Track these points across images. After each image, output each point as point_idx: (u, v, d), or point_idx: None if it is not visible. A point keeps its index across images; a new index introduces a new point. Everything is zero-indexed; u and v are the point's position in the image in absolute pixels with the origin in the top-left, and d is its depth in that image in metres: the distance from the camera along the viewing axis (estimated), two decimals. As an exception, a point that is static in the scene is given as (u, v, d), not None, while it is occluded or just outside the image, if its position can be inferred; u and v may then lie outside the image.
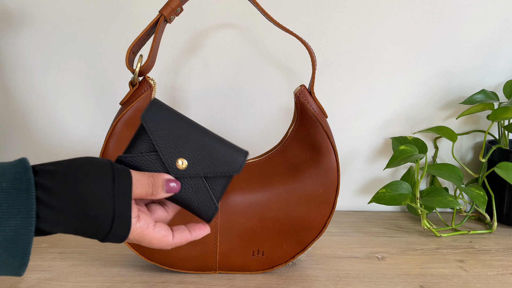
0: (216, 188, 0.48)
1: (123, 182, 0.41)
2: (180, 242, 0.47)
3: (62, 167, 0.40)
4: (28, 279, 0.63)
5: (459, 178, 0.81)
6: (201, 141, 0.47)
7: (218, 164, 0.47)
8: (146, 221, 0.44)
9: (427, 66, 0.88)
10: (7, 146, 0.90)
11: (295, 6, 0.85)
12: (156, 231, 0.45)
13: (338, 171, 0.63)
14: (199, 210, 0.47)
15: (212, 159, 0.47)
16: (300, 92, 0.64)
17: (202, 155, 0.46)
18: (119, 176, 0.41)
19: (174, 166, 0.46)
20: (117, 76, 0.87)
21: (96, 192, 0.40)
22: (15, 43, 0.85)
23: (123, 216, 0.41)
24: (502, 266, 0.69)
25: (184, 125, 0.47)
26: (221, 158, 0.47)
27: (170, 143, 0.46)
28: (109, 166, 0.42)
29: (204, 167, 0.46)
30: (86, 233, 0.41)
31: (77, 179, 0.39)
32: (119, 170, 0.42)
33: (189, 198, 0.47)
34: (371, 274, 0.66)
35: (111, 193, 0.40)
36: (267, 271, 0.65)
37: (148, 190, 0.44)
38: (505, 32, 0.87)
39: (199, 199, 0.47)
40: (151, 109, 0.46)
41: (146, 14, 0.84)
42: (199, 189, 0.47)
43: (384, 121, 0.91)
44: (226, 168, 0.47)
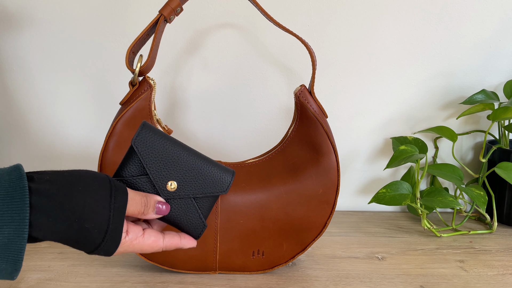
0: (204, 207, 0.50)
1: (119, 197, 0.42)
2: (170, 245, 0.48)
3: (62, 177, 0.40)
4: (28, 279, 0.63)
5: (459, 178, 0.81)
6: (190, 163, 0.49)
7: (207, 185, 0.49)
8: (135, 232, 0.45)
9: (427, 66, 0.88)
10: (7, 146, 0.90)
11: (295, 6, 0.85)
12: (145, 238, 0.46)
13: (338, 171, 0.63)
14: (188, 228, 0.49)
15: (201, 180, 0.49)
16: (300, 92, 0.63)
17: (191, 176, 0.49)
18: (116, 191, 0.42)
19: (164, 189, 0.48)
20: (117, 76, 0.87)
21: (94, 205, 0.40)
22: (15, 43, 0.85)
23: (115, 231, 0.42)
24: (502, 266, 0.69)
25: (174, 148, 0.48)
26: (209, 179, 0.49)
27: (160, 166, 0.47)
28: (108, 181, 0.43)
29: (193, 188, 0.49)
30: (76, 244, 0.41)
31: (76, 190, 0.40)
32: (117, 186, 0.43)
33: (179, 217, 0.49)
34: (371, 274, 0.66)
35: (108, 207, 0.41)
36: (267, 271, 0.65)
37: (140, 209, 0.45)
38: (505, 32, 0.87)
39: (188, 218, 0.49)
40: (141, 133, 0.47)
41: (146, 14, 0.84)
42: (188, 208, 0.49)
43: (384, 121, 0.91)
44: (214, 188, 0.49)
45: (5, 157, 0.90)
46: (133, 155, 0.47)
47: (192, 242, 0.50)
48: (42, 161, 0.90)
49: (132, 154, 0.47)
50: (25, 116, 0.89)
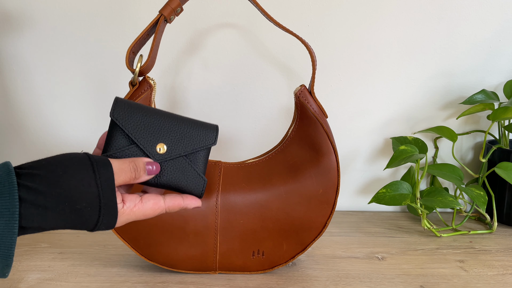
0: (198, 163, 0.50)
1: (103, 171, 0.42)
2: (173, 206, 0.48)
3: (41, 165, 0.40)
4: (28, 279, 0.63)
5: (459, 178, 0.81)
6: (173, 125, 0.50)
7: (195, 141, 0.50)
8: (132, 200, 0.45)
9: (427, 66, 0.88)
10: (7, 146, 0.90)
11: (295, 6, 0.85)
12: (144, 203, 0.46)
13: (338, 171, 0.63)
14: (189, 187, 0.50)
15: (188, 138, 0.50)
16: (300, 92, 0.63)
17: (177, 136, 0.49)
18: (98, 166, 0.42)
19: (155, 153, 0.48)
20: (117, 76, 0.87)
21: (79, 185, 0.40)
22: (15, 43, 0.85)
23: (109, 203, 0.42)
24: (502, 266, 0.69)
25: (153, 114, 0.49)
26: (195, 135, 0.50)
27: (145, 133, 0.48)
28: (87, 158, 0.42)
29: (183, 147, 0.49)
30: (75, 226, 0.41)
31: (58, 175, 0.40)
32: (97, 160, 0.43)
33: (177, 178, 0.49)
34: (371, 274, 0.66)
35: (94, 184, 0.41)
36: (267, 271, 0.65)
37: (131, 175, 0.45)
38: (505, 32, 0.87)
39: (186, 177, 0.49)
40: (117, 106, 0.48)
41: (146, 14, 0.84)
42: (183, 167, 0.49)
43: (384, 121, 0.91)
44: (203, 142, 0.50)
45: (5, 157, 0.90)
46: (115, 129, 0.48)
47: (196, 201, 0.50)
48: (42, 161, 0.90)
49: (114, 128, 0.48)
50: (24, 116, 0.89)
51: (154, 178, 0.48)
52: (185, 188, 0.49)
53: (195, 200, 0.50)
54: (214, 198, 0.62)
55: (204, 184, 0.50)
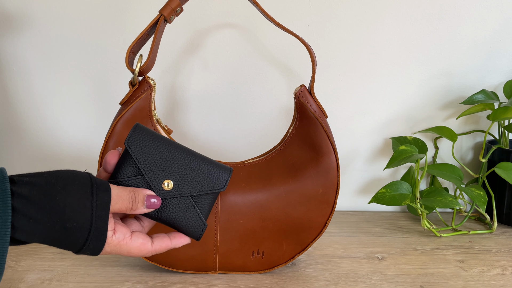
0: (203, 206, 0.49)
1: (101, 195, 0.42)
2: (160, 249, 0.47)
3: (42, 178, 0.40)
4: (28, 279, 0.63)
5: (459, 178, 0.81)
6: (186, 161, 0.48)
7: (204, 183, 0.48)
8: (122, 232, 0.44)
9: (427, 66, 0.88)
10: (7, 146, 0.90)
11: (295, 6, 0.85)
12: (133, 240, 0.45)
13: (338, 171, 0.63)
14: (188, 228, 0.48)
15: (198, 178, 0.48)
16: (300, 92, 0.63)
17: (187, 175, 0.48)
18: (98, 189, 0.42)
19: (160, 188, 0.47)
20: (117, 76, 0.87)
21: (74, 204, 0.40)
22: (15, 43, 0.85)
23: (100, 229, 0.41)
24: (502, 266, 0.69)
25: (168, 147, 0.48)
26: (206, 176, 0.49)
27: (155, 166, 0.47)
28: (88, 179, 0.42)
29: (190, 187, 0.48)
30: (61, 245, 0.41)
31: (56, 191, 0.39)
32: (98, 184, 0.42)
33: (177, 217, 0.48)
34: (371, 274, 0.66)
35: (89, 206, 0.40)
36: (267, 271, 0.65)
37: (128, 205, 0.44)
38: (505, 32, 0.87)
39: (187, 218, 0.48)
40: (134, 133, 0.47)
41: (146, 14, 0.84)
42: (186, 208, 0.48)
43: (384, 121, 0.91)
44: (212, 185, 0.49)
45: (5, 158, 0.90)
46: (127, 157, 0.47)
47: (185, 240, 0.49)
48: (41, 162, 0.90)
49: (127, 156, 0.47)
50: (24, 117, 0.89)
51: (154, 212, 0.47)
52: (183, 228, 0.48)
53: (184, 239, 0.49)
54: (214, 198, 0.62)
55: (204, 228, 0.49)
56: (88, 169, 0.57)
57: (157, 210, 0.47)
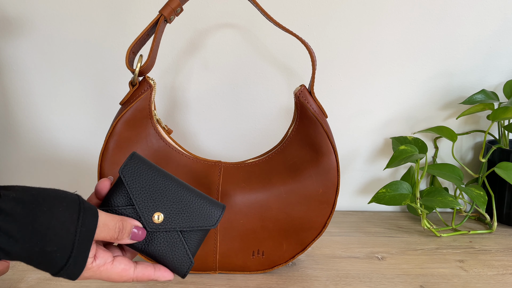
0: (192, 242, 0.48)
1: (87, 221, 0.40)
2: (142, 277, 0.46)
3: (29, 195, 0.38)
4: (28, 279, 0.63)
5: (459, 178, 0.81)
6: (179, 195, 0.47)
7: (195, 218, 0.47)
8: (103, 258, 0.43)
9: (427, 66, 0.88)
10: (7, 147, 0.90)
11: (295, 6, 0.85)
12: (114, 266, 0.43)
13: (338, 171, 0.63)
14: (173, 264, 0.47)
15: (189, 213, 0.47)
16: (300, 92, 0.64)
17: (178, 209, 0.47)
18: (85, 214, 0.40)
19: (150, 221, 0.46)
20: (117, 76, 0.87)
21: (57, 227, 0.38)
22: (14, 43, 0.85)
23: (80, 256, 0.40)
24: (502, 266, 0.69)
25: (162, 179, 0.47)
26: (197, 212, 0.47)
27: (147, 197, 0.46)
28: (77, 202, 0.40)
29: (181, 221, 0.47)
30: (39, 266, 0.39)
31: (41, 211, 0.38)
32: (86, 208, 0.40)
33: (164, 251, 0.47)
34: (371, 274, 0.66)
35: (73, 232, 0.39)
36: (267, 271, 0.65)
37: (113, 235, 0.43)
38: (505, 32, 0.87)
39: (174, 253, 0.47)
40: (129, 162, 0.47)
41: (146, 14, 0.84)
42: (174, 243, 0.47)
43: (384, 121, 0.91)
44: (203, 222, 0.47)
45: (5, 158, 0.90)
46: (120, 185, 0.46)
47: (168, 274, 0.47)
48: (41, 162, 0.90)
49: (120, 184, 0.46)
50: (24, 117, 0.89)
51: (141, 244, 0.46)
52: (169, 263, 0.47)
53: (168, 273, 0.47)
54: (214, 198, 0.62)
55: (190, 266, 0.47)
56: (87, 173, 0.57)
57: (144, 243, 0.46)
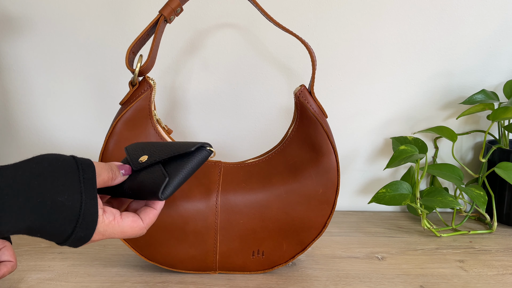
0: (171, 167, 0.48)
1: (87, 169, 0.43)
2: (150, 221, 0.48)
3: (26, 161, 0.40)
4: (28, 279, 0.63)
5: (459, 178, 0.81)
6: (164, 144, 0.51)
7: (173, 150, 0.49)
8: (111, 213, 0.45)
9: (427, 66, 0.88)
10: (6, 146, 0.90)
11: (295, 6, 0.85)
12: (123, 219, 0.45)
13: (338, 171, 0.63)
14: (151, 187, 0.47)
15: (169, 148, 0.50)
16: (300, 92, 0.63)
17: (161, 150, 0.50)
18: (83, 164, 0.43)
19: (136, 162, 0.49)
20: (117, 76, 0.87)
21: (63, 178, 0.40)
22: (14, 43, 0.85)
23: (90, 202, 0.41)
24: (502, 266, 0.69)
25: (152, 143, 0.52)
26: (177, 146, 0.50)
27: (136, 151, 0.51)
28: (71, 157, 0.43)
29: (161, 155, 0.49)
30: (53, 227, 0.39)
31: (42, 167, 0.40)
32: (82, 160, 0.43)
33: (143, 179, 0.48)
34: (371, 274, 0.66)
35: (77, 180, 0.41)
36: (267, 271, 0.65)
37: (109, 174, 0.46)
38: (505, 32, 0.87)
39: (152, 177, 0.48)
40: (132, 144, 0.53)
41: (146, 14, 0.84)
42: (153, 171, 0.48)
43: (384, 121, 0.91)
44: (180, 150, 0.49)
45: (5, 158, 0.90)
46: None
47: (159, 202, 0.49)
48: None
49: None
50: (24, 117, 0.89)
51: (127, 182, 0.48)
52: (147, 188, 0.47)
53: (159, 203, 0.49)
54: (214, 198, 0.62)
55: (166, 182, 0.46)
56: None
57: (130, 180, 0.48)
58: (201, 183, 0.63)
